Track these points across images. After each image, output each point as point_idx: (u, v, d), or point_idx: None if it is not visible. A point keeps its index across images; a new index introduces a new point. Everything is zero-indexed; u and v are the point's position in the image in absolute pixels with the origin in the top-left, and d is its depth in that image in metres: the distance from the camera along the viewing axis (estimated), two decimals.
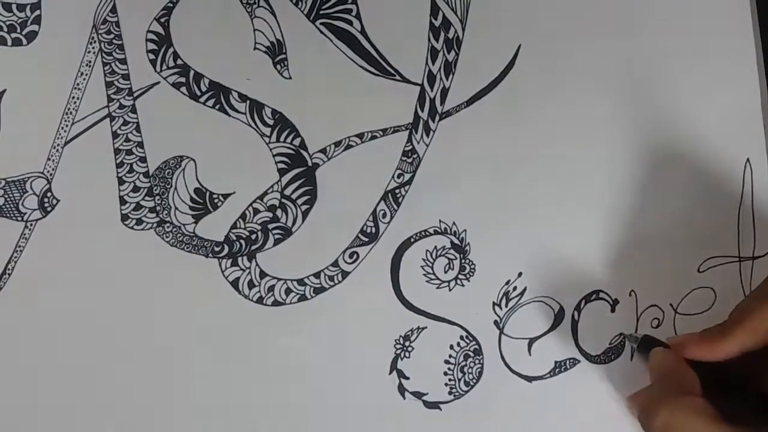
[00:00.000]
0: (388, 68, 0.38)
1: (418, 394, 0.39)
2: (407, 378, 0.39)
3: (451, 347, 0.39)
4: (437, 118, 0.39)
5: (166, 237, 0.36)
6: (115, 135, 0.35)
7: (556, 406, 0.41)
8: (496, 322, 0.40)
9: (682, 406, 0.32)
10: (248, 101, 0.37)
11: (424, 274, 0.39)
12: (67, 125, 0.35)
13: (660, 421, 0.32)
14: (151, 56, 0.36)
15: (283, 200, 0.37)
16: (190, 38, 0.36)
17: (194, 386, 0.37)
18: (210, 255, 0.37)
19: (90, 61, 0.35)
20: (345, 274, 0.38)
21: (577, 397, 0.41)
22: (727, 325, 0.35)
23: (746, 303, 0.36)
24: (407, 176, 0.39)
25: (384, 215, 0.38)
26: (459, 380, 0.40)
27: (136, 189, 0.36)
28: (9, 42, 0.34)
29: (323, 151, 0.38)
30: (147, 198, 0.36)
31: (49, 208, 0.35)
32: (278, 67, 0.37)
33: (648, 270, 0.42)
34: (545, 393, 0.41)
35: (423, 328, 0.39)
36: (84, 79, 0.35)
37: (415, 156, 0.39)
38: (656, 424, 0.32)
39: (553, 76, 0.40)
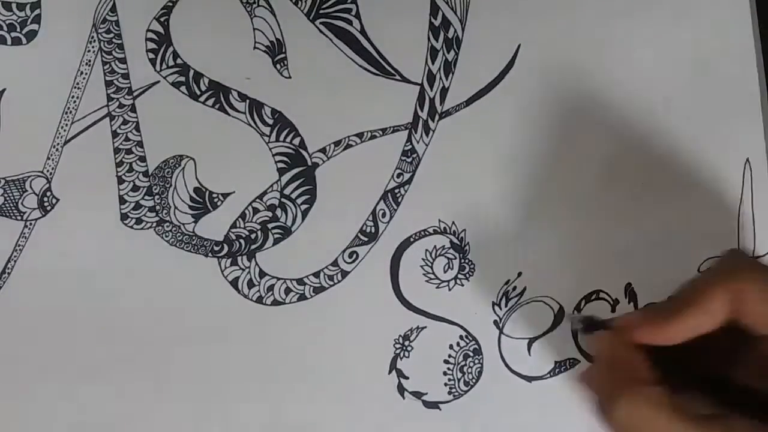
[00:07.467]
0: (388, 68, 0.38)
1: (417, 394, 0.39)
2: (406, 378, 0.39)
3: (451, 347, 0.39)
4: (437, 117, 0.39)
5: (166, 236, 0.36)
6: (114, 134, 0.35)
7: (555, 406, 0.41)
8: (495, 322, 0.40)
9: (641, 399, 0.29)
10: (248, 100, 0.37)
11: (424, 274, 0.39)
12: (66, 124, 0.35)
13: (619, 415, 0.30)
14: (151, 55, 0.36)
15: (283, 199, 0.37)
16: (189, 37, 0.36)
17: (193, 386, 0.37)
18: (209, 254, 0.37)
19: (90, 60, 0.35)
20: (344, 274, 0.38)
21: (577, 398, 0.41)
22: (678, 307, 0.31)
23: (698, 283, 0.32)
24: (407, 176, 0.39)
25: (383, 215, 0.38)
26: (458, 380, 0.39)
27: (135, 188, 0.36)
28: (8, 41, 0.34)
29: (323, 150, 0.38)
30: (146, 197, 0.36)
31: (48, 208, 0.35)
32: (278, 66, 0.37)
33: (648, 270, 0.42)
34: (545, 393, 0.41)
35: (422, 328, 0.39)
36: (84, 78, 0.35)
37: (414, 156, 0.39)
38: (615, 416, 0.30)
39: (552, 76, 0.40)
